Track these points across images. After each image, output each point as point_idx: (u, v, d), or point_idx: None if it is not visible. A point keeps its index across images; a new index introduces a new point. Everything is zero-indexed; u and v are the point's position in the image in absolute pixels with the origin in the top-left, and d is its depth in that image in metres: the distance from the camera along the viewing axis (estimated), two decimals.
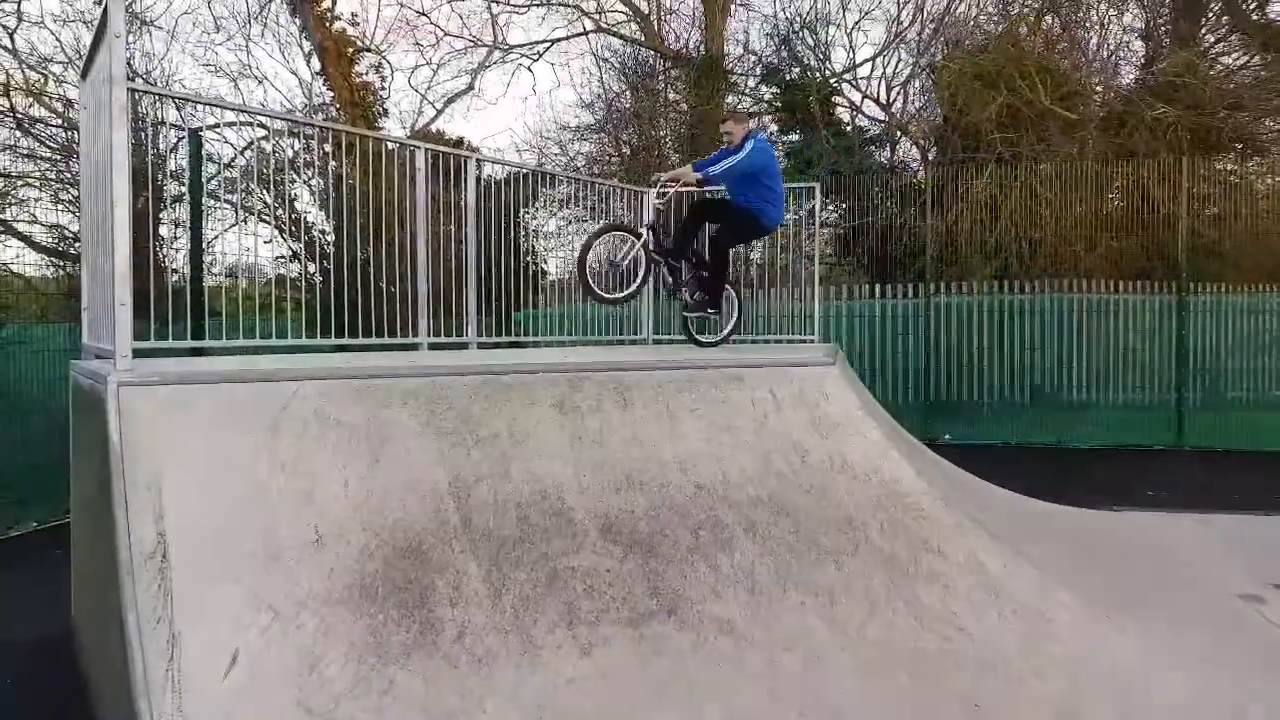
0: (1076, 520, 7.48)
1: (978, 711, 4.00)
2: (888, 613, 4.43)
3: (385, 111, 17.34)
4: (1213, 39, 17.29)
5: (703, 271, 7.47)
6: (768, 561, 4.54)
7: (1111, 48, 17.71)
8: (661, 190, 7.39)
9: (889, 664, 4.17)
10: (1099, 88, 17.60)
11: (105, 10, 4.12)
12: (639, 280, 7.21)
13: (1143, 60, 17.64)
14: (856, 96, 18.82)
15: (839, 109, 18.74)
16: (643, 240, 7.09)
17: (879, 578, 4.60)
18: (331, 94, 16.46)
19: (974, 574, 4.72)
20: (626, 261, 7.10)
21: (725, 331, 7.92)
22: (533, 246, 12.28)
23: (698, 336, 7.70)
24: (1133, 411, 11.98)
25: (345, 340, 6.74)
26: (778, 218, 7.47)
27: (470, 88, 20.41)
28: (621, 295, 7.22)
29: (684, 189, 7.41)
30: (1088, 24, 17.63)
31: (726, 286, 7.65)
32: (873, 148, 18.63)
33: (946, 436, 13.06)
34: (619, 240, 7.22)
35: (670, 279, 7.39)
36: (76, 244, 6.12)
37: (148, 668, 3.25)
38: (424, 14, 19.54)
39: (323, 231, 10.72)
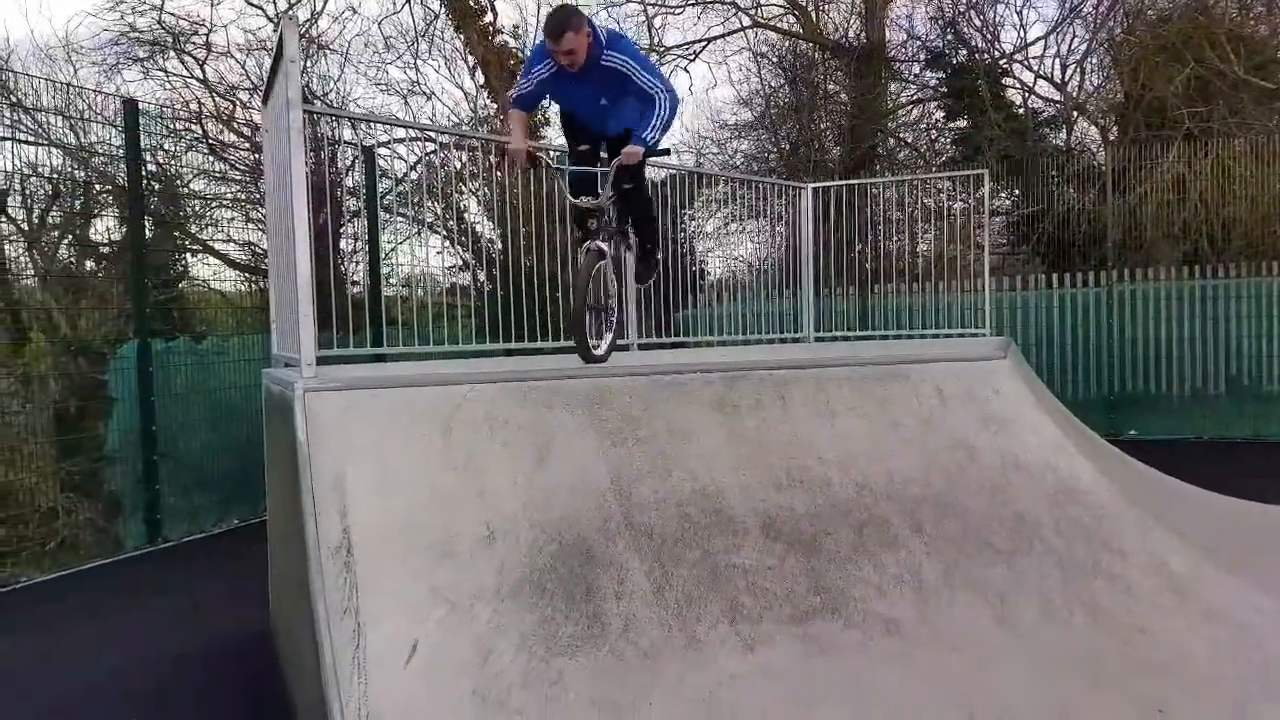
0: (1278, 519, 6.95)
1: (1161, 718, 3.79)
2: (1063, 614, 4.24)
3: (547, 120, 17.77)
4: None
5: (632, 231, 5.88)
6: (935, 561, 4.42)
7: None
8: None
9: (1064, 666, 3.99)
10: None
11: (280, 39, 4.41)
12: (616, 313, 5.71)
13: None
14: (1029, 77, 18.03)
15: (1010, 91, 18.00)
16: (609, 257, 5.44)
17: (1054, 578, 4.40)
18: (495, 106, 16.98)
19: (1159, 575, 4.46)
20: (609, 300, 5.54)
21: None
22: (693, 247, 12.33)
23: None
24: None
25: (512, 344, 6.98)
26: None
27: None
28: (608, 346, 5.54)
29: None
30: None
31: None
32: (1047, 130, 17.80)
33: (1132, 432, 12.37)
34: (605, 271, 5.47)
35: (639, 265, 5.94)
36: (266, 259, 6.59)
37: (336, 656, 3.44)
38: None
39: (490, 241, 11.11)
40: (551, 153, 6.92)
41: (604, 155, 5.53)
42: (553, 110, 17.69)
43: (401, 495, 3.96)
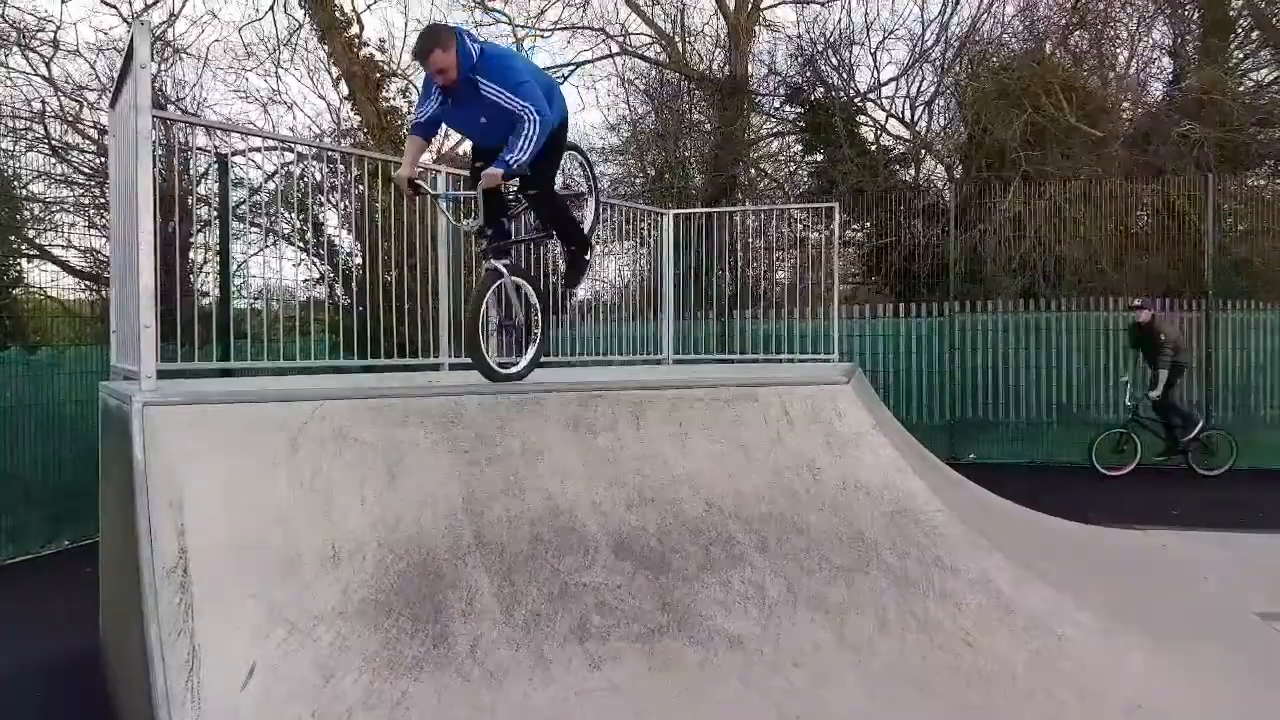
0: (1097, 539, 7.45)
1: None
2: (898, 629, 4.44)
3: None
4: (1241, 55, 17.18)
5: (548, 220, 5.77)
6: (778, 579, 4.57)
7: (1140, 64, 17.68)
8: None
9: (898, 680, 4.19)
10: (1126, 104, 17.52)
11: (131, 43, 4.27)
12: (530, 326, 5.62)
13: (1170, 76, 17.58)
14: (881, 116, 18.86)
15: (863, 128, 18.78)
16: (508, 273, 5.37)
17: (890, 595, 4.61)
18: (359, 119, 16.68)
19: (985, 591, 4.72)
20: (518, 316, 5.54)
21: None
22: (556, 266, 12.32)
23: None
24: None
25: (369, 361, 6.86)
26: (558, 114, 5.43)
27: None
28: (528, 363, 5.54)
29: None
30: (1117, 41, 17.60)
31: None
32: (897, 166, 18.63)
33: (971, 456, 13.01)
34: (501, 291, 5.44)
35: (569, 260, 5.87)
36: (109, 268, 6.31)
37: (169, 680, 3.33)
38: None
39: (349, 255, 10.89)
40: (440, 175, 6.93)
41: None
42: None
43: (243, 514, 3.85)
